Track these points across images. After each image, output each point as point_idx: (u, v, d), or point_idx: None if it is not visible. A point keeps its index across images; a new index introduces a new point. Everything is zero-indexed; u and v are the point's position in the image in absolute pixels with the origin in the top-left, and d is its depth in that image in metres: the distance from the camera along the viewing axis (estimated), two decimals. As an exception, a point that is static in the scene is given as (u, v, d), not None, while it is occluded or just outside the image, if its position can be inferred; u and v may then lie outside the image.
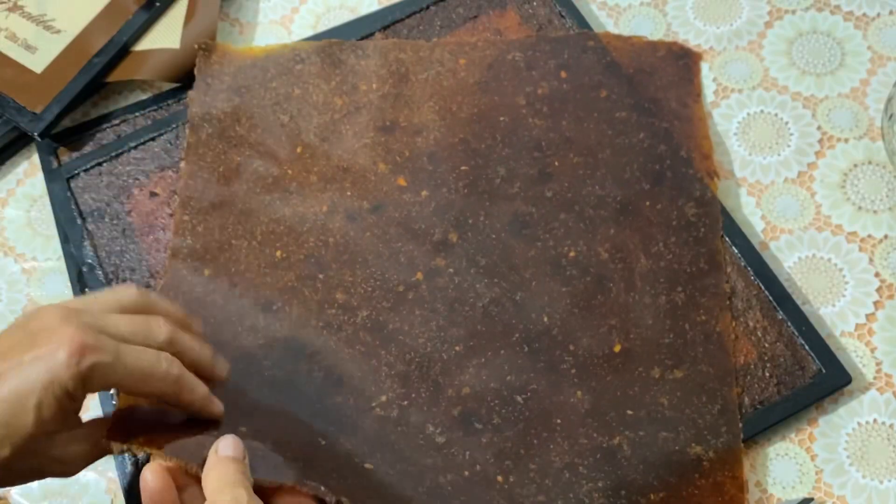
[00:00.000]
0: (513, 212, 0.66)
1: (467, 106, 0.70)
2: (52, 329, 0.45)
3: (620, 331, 0.62)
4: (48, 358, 0.44)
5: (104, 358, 0.45)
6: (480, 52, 0.72)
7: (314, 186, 0.67)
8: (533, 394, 0.60)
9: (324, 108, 0.70)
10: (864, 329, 0.64)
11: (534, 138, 0.69)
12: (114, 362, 0.45)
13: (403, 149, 0.69)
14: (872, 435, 0.61)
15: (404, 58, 0.72)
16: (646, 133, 0.68)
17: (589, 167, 0.67)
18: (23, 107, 0.71)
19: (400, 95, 0.71)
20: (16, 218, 0.70)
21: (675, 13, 0.76)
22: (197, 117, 0.69)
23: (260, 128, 0.69)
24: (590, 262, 0.64)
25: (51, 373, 0.44)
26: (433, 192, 0.67)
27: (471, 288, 0.63)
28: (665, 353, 0.61)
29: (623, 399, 0.60)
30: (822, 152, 0.70)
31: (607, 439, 0.58)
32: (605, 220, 0.65)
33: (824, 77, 0.72)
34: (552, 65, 0.71)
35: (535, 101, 0.70)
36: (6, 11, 0.75)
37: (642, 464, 0.58)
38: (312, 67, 0.72)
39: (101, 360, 0.45)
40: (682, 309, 0.62)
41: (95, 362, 0.44)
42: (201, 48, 0.72)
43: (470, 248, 0.64)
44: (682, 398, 0.60)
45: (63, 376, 0.44)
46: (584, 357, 0.61)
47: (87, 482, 0.61)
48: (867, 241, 0.66)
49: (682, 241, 0.65)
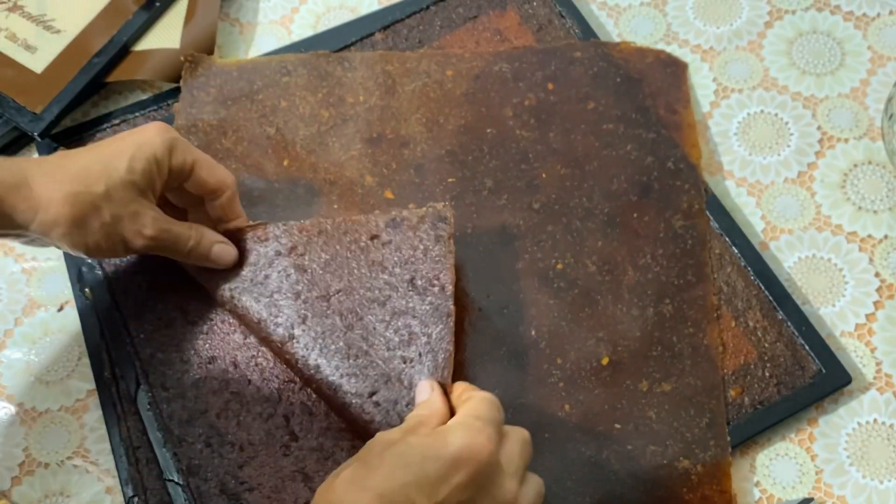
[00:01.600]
0: (500, 224, 0.66)
1: (454, 117, 0.70)
2: (140, 127, 0.58)
3: (608, 343, 0.62)
4: (140, 132, 0.57)
5: (184, 139, 0.59)
6: (468, 64, 0.72)
7: (301, 199, 0.67)
8: (521, 407, 0.60)
9: (310, 121, 0.70)
10: (864, 329, 0.64)
11: (521, 150, 0.69)
12: (190, 144, 0.59)
13: (390, 161, 0.68)
14: (872, 435, 0.61)
15: (391, 69, 0.72)
16: (633, 145, 0.68)
17: (576, 179, 0.67)
18: (23, 107, 0.71)
19: (387, 107, 0.70)
20: (16, 218, 0.70)
21: (675, 13, 0.76)
22: (183, 130, 0.69)
23: (246, 140, 0.69)
24: (577, 275, 0.64)
25: (142, 138, 0.57)
26: (420, 205, 0.66)
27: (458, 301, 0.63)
28: (653, 365, 0.61)
29: (611, 412, 0.60)
30: (822, 152, 0.70)
31: (595, 453, 0.59)
32: (592, 232, 0.65)
33: (824, 77, 0.72)
34: (539, 76, 0.71)
35: (522, 113, 0.70)
36: (6, 11, 0.75)
37: (630, 478, 0.58)
38: (299, 79, 0.72)
39: (182, 138, 0.59)
40: (669, 321, 0.62)
41: (177, 137, 0.58)
42: (187, 60, 0.72)
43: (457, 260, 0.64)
44: (669, 411, 0.60)
45: (153, 140, 0.56)
46: (572, 370, 0.61)
47: (88, 482, 0.61)
48: (867, 241, 0.66)
49: (670, 253, 0.65)
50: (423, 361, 0.57)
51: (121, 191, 0.55)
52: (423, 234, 0.60)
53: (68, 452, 0.62)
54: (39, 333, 0.66)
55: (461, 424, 0.49)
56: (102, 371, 0.63)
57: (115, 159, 0.55)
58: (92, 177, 0.54)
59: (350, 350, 0.57)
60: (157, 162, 0.56)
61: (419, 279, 0.59)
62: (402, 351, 0.57)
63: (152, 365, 0.62)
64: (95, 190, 0.54)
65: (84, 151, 0.57)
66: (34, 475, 0.61)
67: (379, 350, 0.58)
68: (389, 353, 0.57)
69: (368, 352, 0.57)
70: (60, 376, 0.64)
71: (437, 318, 0.58)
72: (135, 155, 0.56)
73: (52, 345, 0.65)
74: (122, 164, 0.55)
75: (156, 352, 0.62)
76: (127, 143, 0.56)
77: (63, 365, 0.65)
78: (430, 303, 0.58)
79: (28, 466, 0.62)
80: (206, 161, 0.59)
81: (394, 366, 0.57)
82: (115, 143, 0.57)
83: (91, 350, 0.64)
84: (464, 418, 0.50)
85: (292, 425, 0.60)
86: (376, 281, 0.59)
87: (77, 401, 0.63)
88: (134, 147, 0.56)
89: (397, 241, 0.60)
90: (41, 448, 0.62)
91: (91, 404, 0.63)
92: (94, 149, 0.57)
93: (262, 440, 0.59)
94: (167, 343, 0.62)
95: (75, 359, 0.65)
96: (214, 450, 0.59)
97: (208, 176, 0.59)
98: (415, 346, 0.57)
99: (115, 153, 0.56)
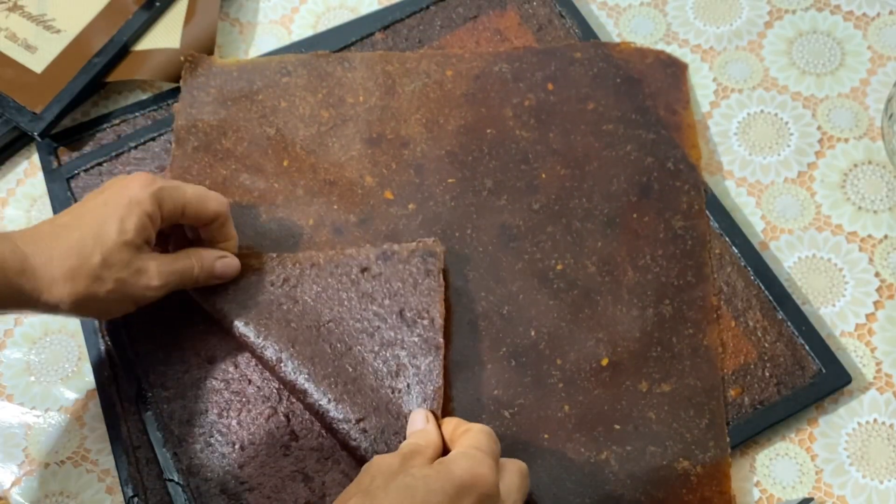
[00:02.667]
0: (500, 224, 0.66)
1: (454, 118, 0.70)
2: (118, 180, 0.58)
3: (608, 344, 0.62)
4: (125, 190, 0.56)
5: (170, 183, 0.58)
6: (467, 64, 0.72)
7: (301, 200, 0.67)
8: (520, 408, 0.60)
9: (310, 121, 0.70)
10: (864, 329, 0.64)
11: (521, 150, 0.69)
12: (177, 186, 0.58)
13: (390, 161, 0.68)
14: (872, 435, 0.61)
15: (391, 70, 0.72)
16: (633, 145, 0.68)
17: (576, 179, 0.67)
18: (23, 107, 0.71)
19: (387, 108, 0.70)
20: (16, 218, 0.70)
21: (675, 13, 0.76)
22: (182, 130, 0.69)
23: (246, 141, 0.69)
24: (577, 275, 0.64)
25: (129, 196, 0.56)
26: (420, 205, 0.66)
27: (458, 301, 0.63)
28: (652, 366, 0.61)
29: (610, 413, 0.60)
30: (822, 152, 0.70)
31: (595, 454, 0.59)
32: (592, 232, 0.65)
33: (824, 77, 0.72)
34: (539, 77, 0.71)
35: (522, 113, 0.70)
36: (6, 11, 0.75)
37: (630, 479, 0.58)
38: (299, 80, 0.72)
39: (168, 184, 0.58)
40: (669, 322, 0.62)
41: (163, 185, 0.57)
42: (187, 60, 0.72)
43: (457, 261, 0.64)
44: (669, 412, 0.60)
45: (140, 196, 0.56)
46: (572, 371, 0.61)
47: (88, 482, 0.61)
48: (867, 241, 0.66)
49: (670, 253, 0.65)
50: (412, 392, 0.58)
51: (117, 254, 0.55)
52: (413, 267, 0.61)
53: (68, 452, 0.62)
54: (39, 333, 0.66)
55: (464, 455, 0.50)
56: (102, 371, 0.63)
57: (105, 225, 0.55)
58: (87, 249, 0.54)
59: (339, 378, 0.58)
60: (149, 216, 0.56)
61: (408, 311, 0.60)
62: (391, 381, 0.58)
63: (152, 365, 0.62)
64: (93, 262, 0.54)
65: (74, 220, 0.56)
66: (34, 475, 0.61)
67: (367, 379, 0.58)
68: (378, 382, 0.58)
69: (357, 380, 0.58)
70: (60, 376, 0.64)
71: (427, 351, 0.59)
72: (124, 216, 0.55)
73: (52, 345, 0.65)
74: (112, 228, 0.55)
75: (156, 352, 0.62)
76: (114, 205, 0.56)
77: (63, 365, 0.65)
78: (419, 335, 0.59)
79: (28, 466, 0.62)
80: (195, 197, 0.59)
81: (382, 395, 0.58)
82: (103, 209, 0.56)
83: (91, 350, 0.64)
84: (466, 449, 0.50)
85: (292, 425, 0.60)
86: (366, 312, 0.61)
87: (77, 401, 0.63)
88: (122, 208, 0.55)
89: (387, 274, 0.61)
90: (41, 448, 0.62)
91: (91, 404, 0.63)
92: (85, 215, 0.56)
93: (263, 440, 0.59)
94: (167, 343, 0.62)
95: (75, 359, 0.65)
96: (214, 449, 0.59)
97: (201, 211, 0.59)
98: (403, 376, 0.58)
99: (104, 219, 0.55)
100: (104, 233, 0.55)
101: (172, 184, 0.58)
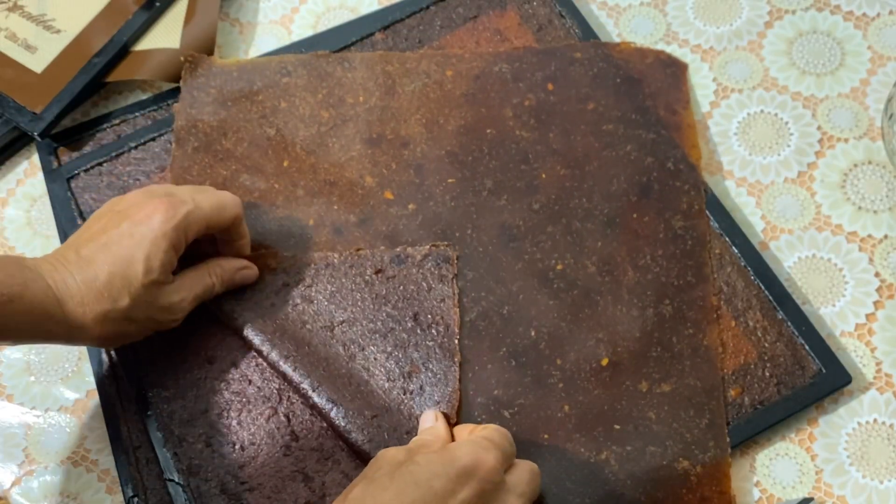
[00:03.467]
0: (500, 224, 0.66)
1: (454, 118, 0.70)
2: (139, 203, 0.57)
3: (608, 344, 0.62)
4: (148, 222, 0.55)
5: (188, 207, 0.57)
6: (467, 64, 0.72)
7: (301, 200, 0.67)
8: (520, 408, 0.60)
9: (310, 121, 0.70)
10: (864, 329, 0.64)
11: (521, 150, 0.69)
12: (196, 208, 0.57)
13: (390, 161, 0.68)
14: (872, 435, 0.61)
15: (391, 70, 0.72)
16: (633, 145, 0.68)
17: (576, 180, 0.67)
18: (23, 107, 0.71)
19: (387, 108, 0.70)
20: (16, 218, 0.70)
21: (675, 13, 0.76)
22: (183, 130, 0.69)
23: (246, 141, 0.69)
24: (577, 275, 0.64)
25: (153, 231, 0.55)
26: (420, 206, 0.66)
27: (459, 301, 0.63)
28: (652, 366, 0.61)
29: (610, 413, 0.60)
30: (822, 152, 0.70)
31: (594, 454, 0.59)
32: (592, 232, 0.65)
33: (824, 77, 0.72)
34: (539, 77, 0.71)
35: (522, 114, 0.70)
36: (6, 11, 0.75)
37: (630, 479, 0.58)
38: (299, 80, 0.72)
39: (188, 209, 0.56)
40: (669, 322, 0.62)
41: (186, 212, 0.56)
42: (187, 60, 0.72)
43: (457, 261, 0.64)
44: (669, 412, 0.60)
45: (166, 229, 0.55)
46: (572, 371, 0.61)
47: (88, 482, 0.61)
48: (867, 241, 0.66)
49: (670, 253, 0.65)
50: (425, 394, 0.58)
51: (145, 295, 0.55)
52: (427, 271, 0.62)
53: (68, 452, 0.62)
54: (39, 333, 0.66)
55: (470, 442, 0.50)
56: (102, 371, 0.63)
57: (132, 265, 0.54)
58: (115, 292, 0.54)
59: (351, 378, 0.59)
60: (175, 249, 0.56)
61: (423, 315, 0.61)
62: (403, 382, 0.59)
63: (152, 365, 0.62)
64: (122, 305, 0.55)
65: (100, 252, 0.55)
66: (34, 475, 0.61)
67: (379, 380, 0.59)
68: (390, 383, 0.59)
69: (369, 381, 0.59)
70: (60, 376, 0.64)
71: (443, 355, 0.60)
72: (150, 254, 0.55)
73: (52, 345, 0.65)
74: (139, 269, 0.55)
75: (156, 352, 0.62)
76: (139, 237, 0.55)
77: (63, 365, 0.65)
78: (434, 339, 0.60)
79: (28, 466, 0.62)
80: (214, 210, 0.58)
81: (394, 396, 0.58)
82: (129, 240, 0.55)
83: (91, 350, 0.64)
84: (473, 437, 0.51)
85: (293, 425, 0.60)
86: (379, 313, 0.61)
87: (77, 401, 0.63)
88: (148, 245, 0.55)
89: (401, 277, 0.62)
90: (41, 448, 0.62)
91: (91, 404, 0.63)
92: (110, 246, 0.55)
93: (263, 440, 0.59)
94: (167, 343, 0.62)
95: (75, 359, 0.65)
96: (215, 449, 0.59)
97: (221, 222, 0.59)
98: (416, 378, 0.59)
99: (130, 257, 0.55)
100: (131, 274, 0.54)
101: (191, 205, 0.57)
